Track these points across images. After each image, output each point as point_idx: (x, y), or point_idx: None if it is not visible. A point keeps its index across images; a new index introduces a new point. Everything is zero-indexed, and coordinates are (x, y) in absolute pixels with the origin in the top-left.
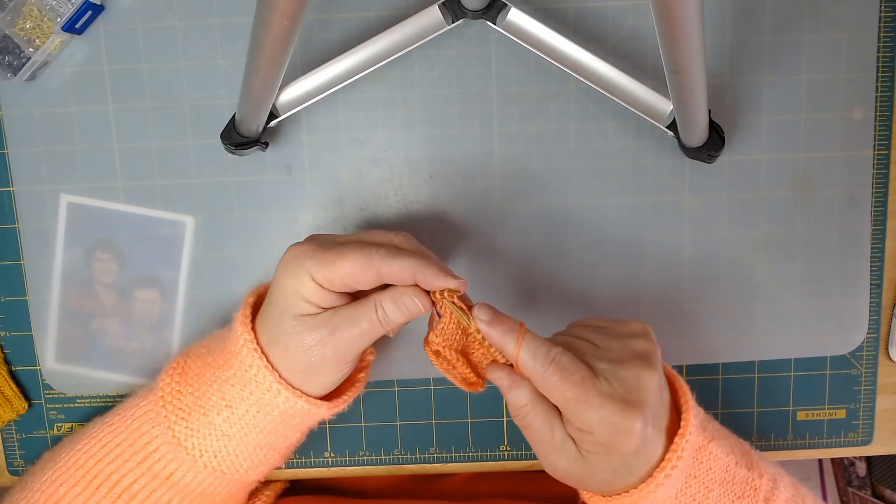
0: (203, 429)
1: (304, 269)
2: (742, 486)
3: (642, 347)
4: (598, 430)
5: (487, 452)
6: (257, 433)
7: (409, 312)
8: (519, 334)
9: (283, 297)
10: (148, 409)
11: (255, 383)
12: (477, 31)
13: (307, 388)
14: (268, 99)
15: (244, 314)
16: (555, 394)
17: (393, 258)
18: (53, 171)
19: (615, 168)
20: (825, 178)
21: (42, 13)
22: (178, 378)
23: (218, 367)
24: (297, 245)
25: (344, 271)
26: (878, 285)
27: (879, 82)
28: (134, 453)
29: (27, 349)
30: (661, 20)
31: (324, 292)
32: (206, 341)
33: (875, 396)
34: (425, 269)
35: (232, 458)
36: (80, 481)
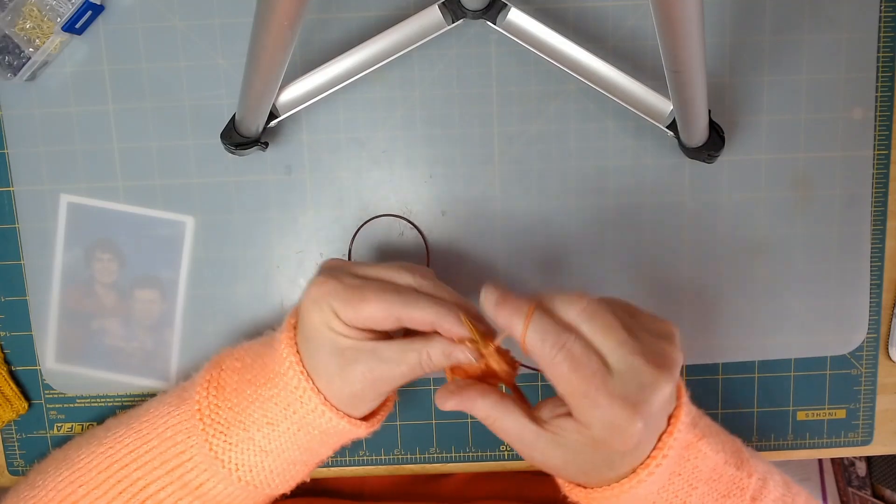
0: (242, 444)
1: (329, 306)
2: (728, 484)
3: (669, 352)
4: (596, 428)
5: (487, 452)
6: (295, 450)
7: (457, 363)
8: (527, 314)
9: (316, 333)
10: (183, 419)
11: (299, 403)
12: (477, 31)
13: (346, 410)
14: (268, 99)
15: (289, 336)
16: (561, 383)
17: (412, 307)
18: (53, 171)
19: (615, 168)
20: (825, 178)
21: (42, 13)
22: (216, 392)
23: (260, 385)
24: (319, 282)
25: (365, 315)
26: (878, 285)
27: (879, 82)
28: (165, 461)
29: (27, 349)
30: (661, 20)
31: (351, 328)
32: (238, 353)
33: (875, 396)
34: (443, 319)
35: (266, 474)
36: (102, 484)
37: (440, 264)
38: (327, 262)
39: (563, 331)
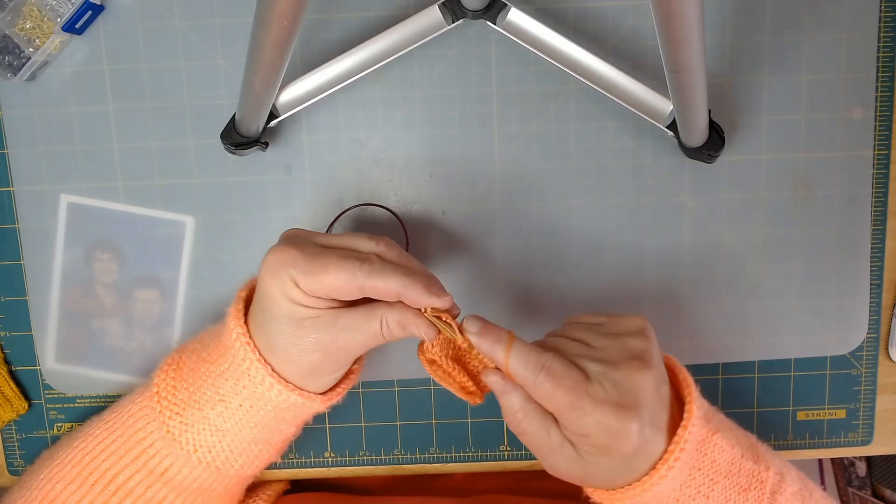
0: (197, 424)
1: (288, 275)
2: (748, 478)
3: (637, 346)
4: (595, 435)
5: (487, 452)
6: (251, 428)
7: (412, 335)
8: (507, 343)
9: (273, 303)
10: (143, 406)
11: (247, 377)
12: (477, 31)
13: (304, 384)
14: (268, 99)
15: (237, 308)
16: (548, 401)
17: (377, 275)
18: (53, 171)
19: (615, 168)
20: (825, 178)
21: (42, 13)
22: (174, 374)
23: (212, 362)
24: (278, 250)
25: (327, 284)
26: (878, 285)
27: (879, 82)
28: (129, 449)
29: (27, 349)
30: (661, 20)
31: (311, 297)
32: (200, 336)
33: (875, 396)
34: (410, 288)
35: (227, 454)
36: (76, 479)
37: (440, 264)
38: (288, 231)
39: (542, 352)
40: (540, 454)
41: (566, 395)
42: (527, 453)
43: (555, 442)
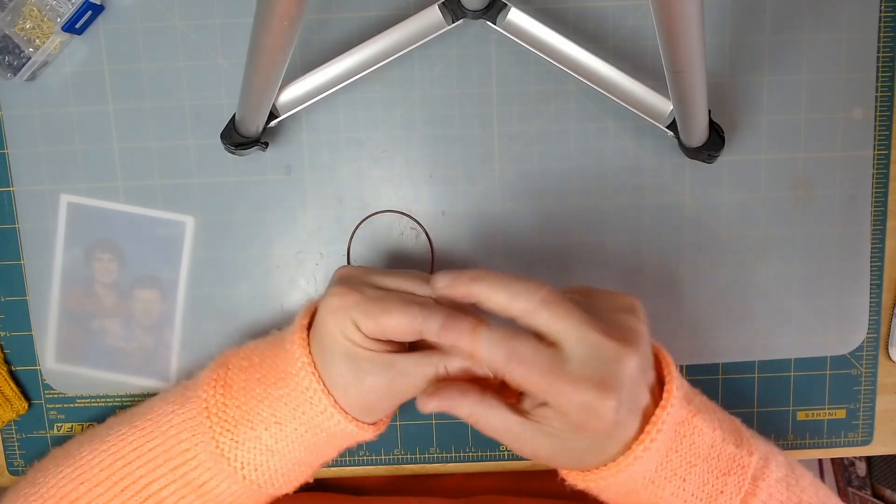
0: (249, 442)
1: (350, 318)
2: (728, 462)
3: (632, 325)
4: (572, 413)
5: (487, 452)
6: (301, 450)
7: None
8: (472, 332)
9: (334, 342)
10: (189, 418)
11: (309, 405)
12: (477, 31)
13: (358, 416)
14: (268, 99)
15: (301, 337)
16: (524, 384)
17: (442, 330)
18: (53, 171)
19: (615, 168)
20: (825, 178)
21: (42, 13)
22: (223, 391)
23: (269, 385)
24: (338, 293)
25: (387, 327)
26: (878, 285)
27: (879, 82)
28: (168, 459)
29: (27, 349)
30: (661, 20)
31: (370, 340)
32: (245, 352)
33: (875, 396)
34: (464, 336)
35: (271, 473)
36: (104, 482)
37: (440, 264)
38: (342, 270)
39: (511, 337)
40: (507, 443)
41: (540, 379)
42: None
43: (516, 430)
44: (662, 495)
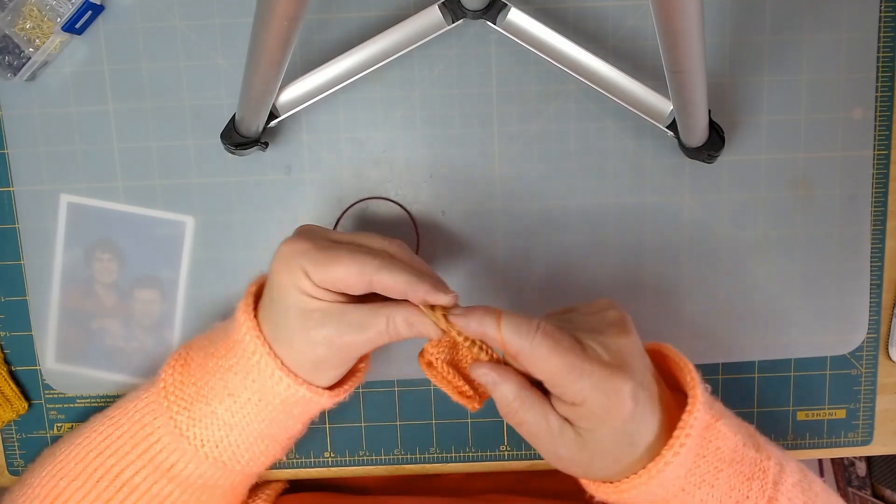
0: (205, 418)
1: (299, 266)
2: (751, 466)
3: (615, 316)
4: (591, 398)
5: (487, 452)
6: (259, 423)
7: (419, 335)
8: (496, 314)
9: (283, 293)
10: (150, 401)
11: (257, 371)
12: (477, 31)
13: (309, 379)
14: (268, 99)
15: (247, 303)
16: (544, 364)
17: (385, 271)
18: (53, 171)
19: (615, 168)
20: (825, 178)
21: (42, 13)
22: (181, 369)
23: (221, 357)
24: (291, 242)
25: (337, 276)
26: (878, 285)
27: (879, 82)
28: (135, 445)
29: (27, 349)
30: (661, 20)
31: (320, 289)
32: (208, 333)
33: (875, 396)
34: (416, 286)
35: (234, 449)
36: (81, 475)
37: (440, 264)
38: (302, 226)
39: (532, 318)
40: (540, 443)
41: (564, 356)
42: (527, 453)
43: (554, 426)
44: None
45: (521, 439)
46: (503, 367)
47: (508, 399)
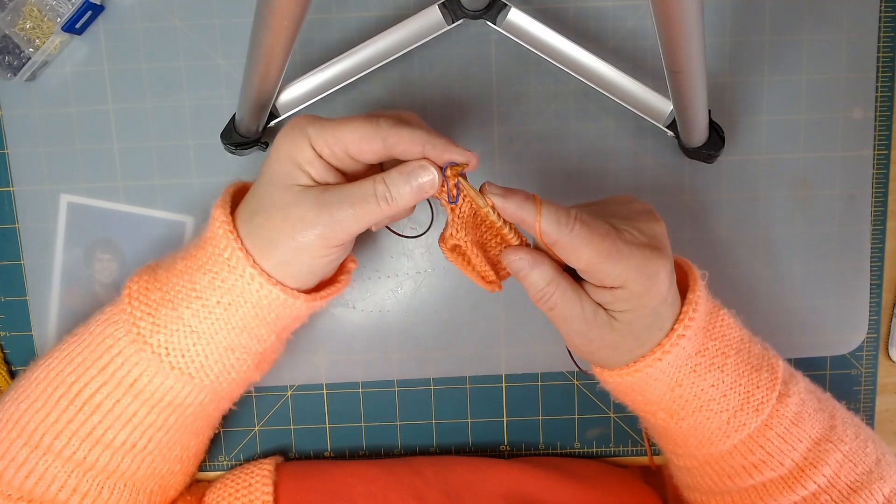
0: (170, 324)
1: (304, 133)
2: (759, 359)
3: (642, 206)
4: (631, 280)
5: (487, 452)
6: (228, 331)
7: (419, 188)
8: (536, 201)
9: (276, 164)
10: (113, 313)
11: (228, 268)
12: (477, 31)
13: (286, 274)
14: (268, 99)
15: (223, 199)
16: (584, 251)
17: (401, 127)
18: (53, 171)
19: (615, 168)
20: (825, 178)
21: (42, 13)
22: (148, 276)
23: (190, 258)
24: (296, 118)
25: (348, 137)
26: (878, 285)
27: (879, 82)
28: (96, 359)
29: (27, 349)
30: (661, 20)
31: (321, 163)
32: (182, 247)
33: (875, 396)
34: (435, 140)
35: (201, 359)
36: (41, 395)
37: (440, 264)
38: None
39: (569, 208)
40: (572, 327)
41: (603, 241)
42: (527, 453)
43: (588, 310)
44: (704, 387)
45: (521, 439)
46: (537, 252)
47: (543, 283)
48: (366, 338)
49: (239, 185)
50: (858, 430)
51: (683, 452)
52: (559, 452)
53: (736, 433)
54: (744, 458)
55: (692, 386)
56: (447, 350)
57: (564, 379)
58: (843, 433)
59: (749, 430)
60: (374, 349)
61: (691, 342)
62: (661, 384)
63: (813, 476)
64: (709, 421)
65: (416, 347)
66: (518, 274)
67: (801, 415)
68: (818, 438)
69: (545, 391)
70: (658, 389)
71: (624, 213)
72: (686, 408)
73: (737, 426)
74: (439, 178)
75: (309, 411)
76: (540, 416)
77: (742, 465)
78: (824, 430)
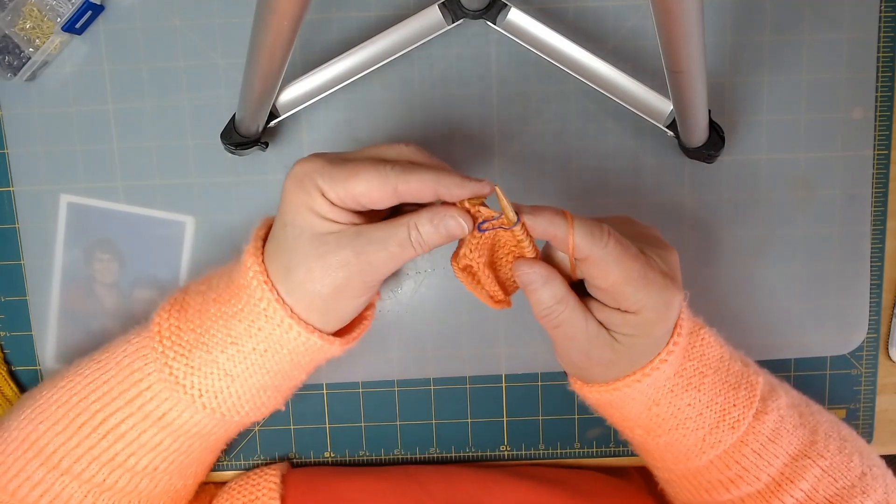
0: (205, 367)
1: (315, 185)
2: (737, 377)
3: (652, 233)
4: (648, 309)
5: (487, 452)
6: (263, 374)
7: (448, 234)
8: (566, 216)
9: (296, 216)
10: (141, 346)
11: (264, 318)
12: (477, 31)
13: (323, 319)
14: (268, 99)
15: (255, 246)
16: (614, 270)
17: (409, 173)
18: (53, 171)
19: (615, 168)
20: (825, 178)
21: (42, 13)
22: (177, 314)
23: (224, 303)
24: (303, 161)
25: (358, 190)
26: (878, 285)
27: (879, 82)
28: (123, 391)
29: (27, 349)
30: (661, 20)
31: (338, 209)
32: (205, 277)
33: (875, 396)
34: (445, 180)
35: (234, 400)
36: (62, 419)
37: (440, 264)
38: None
39: (601, 223)
40: (573, 345)
41: (634, 262)
42: (527, 453)
43: (592, 331)
44: (680, 406)
45: (521, 439)
46: (550, 268)
47: (549, 302)
48: (366, 338)
49: (269, 223)
50: (843, 445)
51: (661, 466)
52: (559, 452)
53: (712, 449)
54: (720, 473)
55: (669, 405)
56: (447, 350)
57: (564, 379)
58: (825, 448)
59: (724, 446)
60: (374, 349)
61: (671, 365)
62: (637, 403)
63: (790, 491)
64: (685, 438)
65: (416, 347)
66: (527, 287)
67: (779, 431)
68: (796, 454)
69: (545, 391)
70: (634, 408)
71: (633, 235)
72: (662, 426)
73: (712, 443)
74: (470, 222)
75: (309, 411)
76: (540, 416)
77: (719, 479)
78: (803, 446)
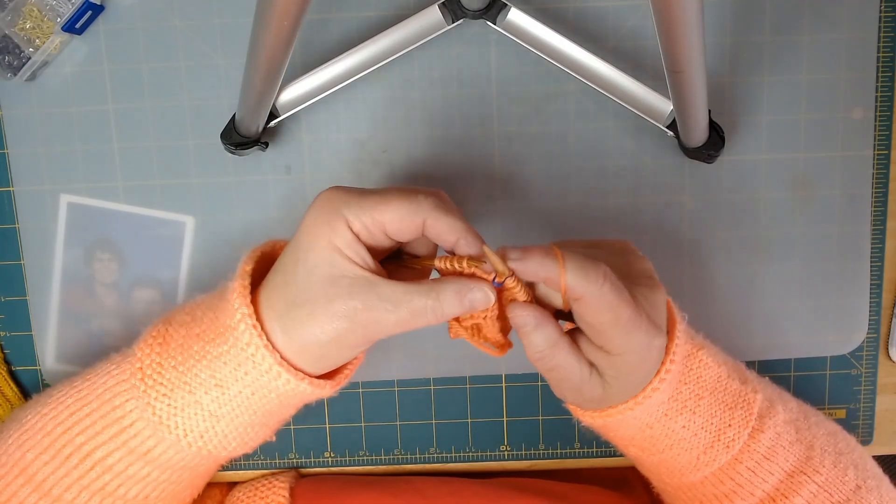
0: (188, 408)
1: (340, 214)
2: (734, 396)
3: (643, 266)
4: (631, 351)
5: (487, 452)
6: (250, 414)
7: (472, 307)
8: (557, 255)
9: (311, 250)
10: (122, 380)
11: (251, 363)
12: (477, 31)
13: (315, 365)
14: (268, 99)
15: (243, 284)
16: (606, 314)
17: (442, 213)
18: (53, 171)
19: (615, 168)
20: (825, 178)
21: (42, 13)
22: (159, 349)
23: (208, 341)
24: (329, 191)
25: (386, 217)
26: (878, 285)
27: (879, 82)
28: (106, 426)
29: (27, 349)
30: (661, 20)
31: (359, 245)
32: (189, 307)
33: (875, 396)
34: (470, 237)
35: (220, 438)
36: (49, 449)
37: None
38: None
39: (595, 262)
40: (566, 385)
41: (626, 308)
42: (527, 453)
43: (584, 373)
44: (674, 428)
45: (521, 439)
46: (543, 311)
47: (542, 347)
48: None
49: (259, 254)
50: (839, 458)
51: (656, 479)
52: (559, 453)
53: (706, 467)
54: (714, 489)
55: (663, 428)
56: (447, 350)
57: None
58: (820, 464)
59: (719, 464)
60: (374, 349)
61: (665, 392)
62: (631, 427)
63: None
64: (679, 457)
65: (416, 347)
66: (520, 330)
67: (775, 449)
68: (791, 471)
69: (545, 391)
70: (629, 431)
71: (623, 268)
72: (657, 445)
73: (707, 462)
74: (494, 296)
75: (309, 412)
76: (540, 416)
77: (714, 493)
78: (799, 462)
